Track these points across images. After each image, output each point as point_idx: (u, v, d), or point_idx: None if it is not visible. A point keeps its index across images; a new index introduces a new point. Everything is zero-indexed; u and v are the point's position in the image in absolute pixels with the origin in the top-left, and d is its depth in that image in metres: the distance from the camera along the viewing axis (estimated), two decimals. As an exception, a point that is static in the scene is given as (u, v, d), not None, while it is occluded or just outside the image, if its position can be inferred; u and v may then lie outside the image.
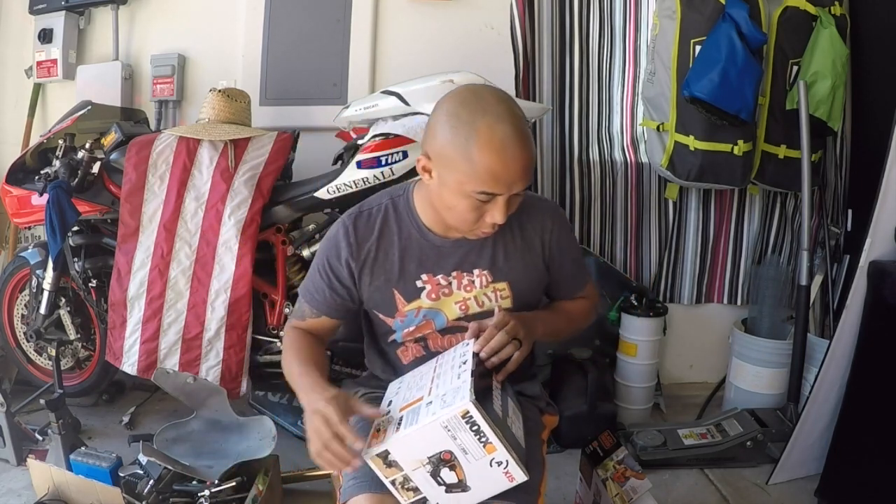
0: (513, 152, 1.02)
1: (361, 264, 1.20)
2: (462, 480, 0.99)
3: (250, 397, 2.34)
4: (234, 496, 1.72)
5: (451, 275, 1.20)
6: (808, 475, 2.05)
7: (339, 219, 1.23)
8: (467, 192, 1.05)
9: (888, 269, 1.83)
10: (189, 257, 2.04)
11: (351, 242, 1.19)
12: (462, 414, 0.94)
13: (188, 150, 2.08)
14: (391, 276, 1.20)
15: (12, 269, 2.39)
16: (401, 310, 1.21)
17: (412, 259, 1.20)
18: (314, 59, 2.55)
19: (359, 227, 1.20)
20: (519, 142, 1.02)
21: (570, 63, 2.60)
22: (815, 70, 2.27)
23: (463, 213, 1.09)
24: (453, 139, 1.03)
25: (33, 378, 2.42)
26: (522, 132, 1.04)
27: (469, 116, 1.03)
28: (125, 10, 2.58)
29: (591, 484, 1.74)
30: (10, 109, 2.71)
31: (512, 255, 1.22)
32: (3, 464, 2.01)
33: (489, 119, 1.02)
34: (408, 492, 1.01)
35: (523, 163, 1.04)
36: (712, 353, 2.78)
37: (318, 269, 1.23)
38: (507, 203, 1.07)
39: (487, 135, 1.01)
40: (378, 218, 1.21)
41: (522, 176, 1.05)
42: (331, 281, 1.21)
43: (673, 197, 2.64)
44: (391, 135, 1.99)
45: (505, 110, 1.04)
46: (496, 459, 0.97)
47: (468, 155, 1.02)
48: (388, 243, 1.20)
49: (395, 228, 1.21)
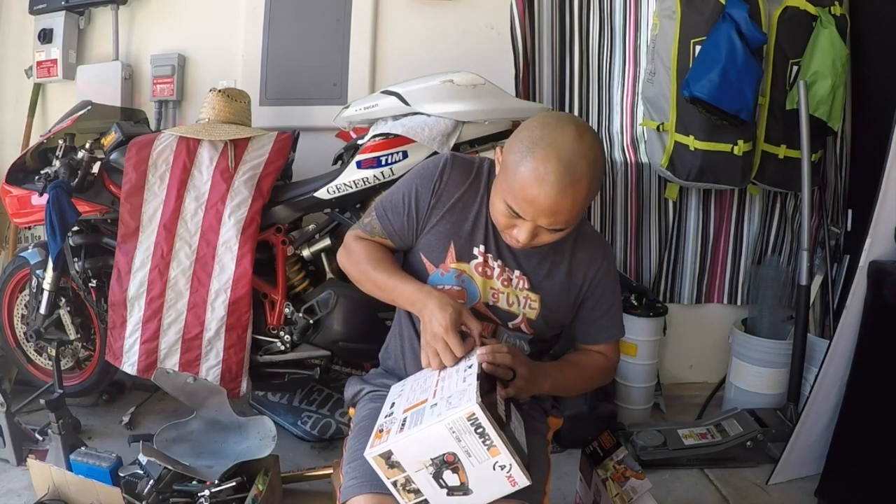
0: (549, 189, 1.03)
1: (439, 201, 1.22)
2: (464, 483, 0.99)
3: (250, 397, 2.35)
4: (234, 496, 1.72)
5: (496, 262, 1.23)
6: (808, 475, 2.06)
7: (441, 154, 1.27)
8: (503, 199, 1.10)
9: (888, 269, 1.83)
10: (189, 257, 2.04)
11: (444, 178, 1.22)
12: (468, 416, 0.94)
13: (188, 150, 2.08)
14: (457, 228, 1.23)
15: (12, 269, 2.39)
16: (447, 263, 1.23)
17: (480, 227, 1.23)
18: (314, 59, 2.55)
19: (456, 169, 1.23)
20: (560, 182, 1.03)
21: (570, 63, 2.60)
22: (815, 70, 2.27)
23: (497, 215, 1.14)
24: (517, 149, 1.07)
25: (33, 378, 2.41)
26: (573, 174, 1.03)
27: (539, 136, 1.06)
28: (125, 10, 2.58)
29: (591, 484, 1.74)
30: (10, 109, 2.71)
31: (555, 274, 1.24)
32: (3, 464, 2.01)
33: (550, 149, 1.04)
34: (409, 493, 1.01)
35: (554, 203, 1.04)
36: (712, 353, 2.78)
37: (402, 194, 1.25)
38: (533, 229, 1.10)
39: (538, 161, 1.04)
40: (472, 173, 1.24)
41: (550, 213, 1.06)
42: (410, 206, 1.23)
43: (673, 197, 2.65)
44: (391, 135, 1.99)
45: (572, 150, 1.03)
46: (500, 463, 0.97)
47: (516, 169, 1.06)
48: (469, 199, 1.23)
49: (481, 193, 1.23)
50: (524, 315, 1.23)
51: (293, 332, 2.13)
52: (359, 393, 1.34)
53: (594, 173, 1.06)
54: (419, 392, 1.08)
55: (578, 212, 1.08)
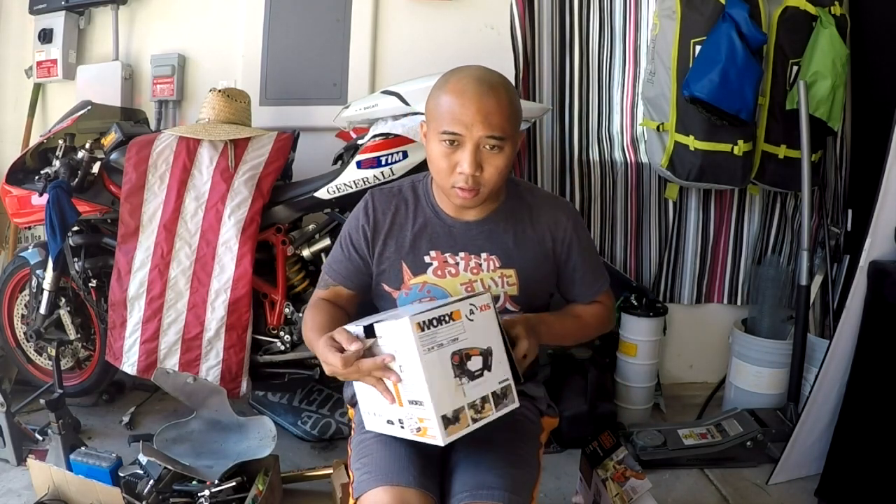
0: (472, 95, 1.10)
1: (376, 233, 1.26)
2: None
3: (250, 397, 2.34)
4: (234, 496, 1.72)
5: (458, 255, 1.24)
6: (808, 475, 2.06)
7: (364, 195, 1.30)
8: (438, 136, 1.13)
9: (888, 269, 1.83)
10: (189, 257, 2.04)
11: (369, 213, 1.26)
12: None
13: (188, 150, 2.08)
14: (402, 247, 1.25)
15: (12, 269, 2.39)
16: (406, 282, 1.24)
17: (424, 235, 1.25)
18: (314, 59, 2.55)
19: (379, 200, 1.28)
20: (479, 87, 1.11)
21: (570, 63, 2.60)
22: (815, 70, 2.27)
23: (437, 162, 1.16)
24: (434, 93, 1.17)
25: (33, 378, 2.42)
26: (488, 82, 1.12)
27: (448, 75, 1.17)
28: (125, 10, 2.58)
29: (591, 484, 1.74)
30: (10, 109, 2.71)
31: (522, 244, 1.25)
32: (3, 464, 2.01)
33: (461, 73, 1.15)
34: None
35: (481, 105, 1.10)
36: (712, 353, 2.78)
37: (339, 242, 1.30)
38: (474, 150, 1.12)
39: (453, 81, 1.14)
40: (398, 195, 1.29)
41: (482, 119, 1.10)
42: (349, 251, 1.27)
43: (673, 197, 2.64)
44: (391, 135, 1.99)
45: (477, 69, 1.16)
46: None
47: (438, 103, 1.14)
48: (403, 218, 1.27)
49: (413, 206, 1.27)
50: (506, 293, 1.24)
51: (293, 332, 2.13)
52: None
53: (509, 86, 1.16)
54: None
55: (507, 118, 1.12)
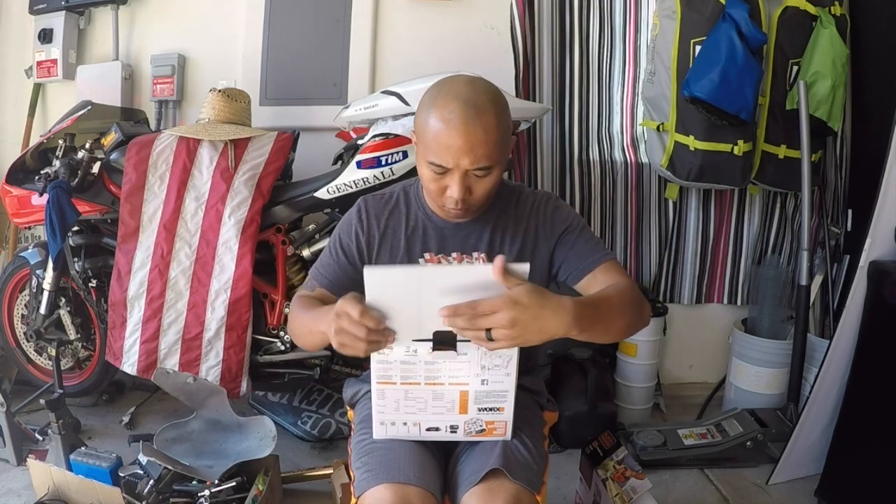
0: (457, 125, 1.07)
1: (370, 239, 1.26)
2: None
3: (250, 397, 2.34)
4: (234, 496, 1.72)
5: (451, 255, 1.24)
6: (808, 475, 2.06)
7: (357, 201, 1.30)
8: (426, 162, 1.12)
9: (888, 269, 1.83)
10: (189, 257, 2.04)
11: (362, 219, 1.27)
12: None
13: (188, 150, 2.08)
14: (396, 251, 1.25)
15: (12, 269, 2.39)
16: None
17: (417, 239, 1.26)
18: (314, 59, 2.55)
19: (372, 206, 1.29)
20: (466, 113, 1.06)
21: (570, 63, 2.60)
22: (815, 70, 2.27)
23: (427, 184, 1.16)
24: (422, 111, 1.13)
25: (33, 378, 2.42)
26: (474, 105, 1.07)
27: (436, 92, 1.12)
28: (125, 10, 2.58)
29: (591, 484, 1.74)
30: (10, 109, 2.71)
31: (510, 240, 1.25)
32: (3, 464, 2.01)
33: (448, 95, 1.09)
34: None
35: (468, 137, 1.07)
36: (712, 353, 2.78)
37: (329, 247, 1.30)
38: (462, 178, 1.11)
39: (440, 109, 1.09)
40: (390, 201, 1.29)
41: (467, 150, 1.07)
42: (338, 256, 1.26)
43: (673, 197, 2.65)
44: (391, 135, 1.99)
45: (468, 90, 1.09)
46: None
47: (426, 125, 1.11)
48: (396, 223, 1.27)
49: (405, 210, 1.28)
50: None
51: (293, 332, 2.13)
52: (357, 393, 1.35)
53: (497, 104, 1.10)
54: None
55: (495, 144, 1.09)
